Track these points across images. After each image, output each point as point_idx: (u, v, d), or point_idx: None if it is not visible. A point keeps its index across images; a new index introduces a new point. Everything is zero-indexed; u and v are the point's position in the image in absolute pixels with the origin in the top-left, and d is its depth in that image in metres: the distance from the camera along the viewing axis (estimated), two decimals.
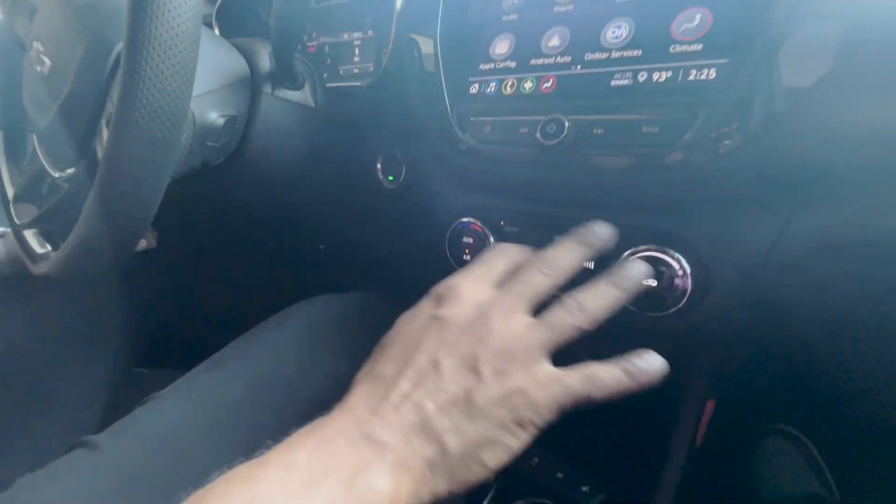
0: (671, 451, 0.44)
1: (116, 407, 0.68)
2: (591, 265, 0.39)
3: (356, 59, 0.59)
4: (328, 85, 0.57)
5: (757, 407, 0.54)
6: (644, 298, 0.36)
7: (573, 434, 0.54)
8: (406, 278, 0.69)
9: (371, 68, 0.57)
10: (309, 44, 0.64)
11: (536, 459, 0.51)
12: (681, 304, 0.36)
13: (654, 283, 0.36)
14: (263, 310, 0.52)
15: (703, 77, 0.33)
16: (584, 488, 0.47)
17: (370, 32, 0.57)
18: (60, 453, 0.36)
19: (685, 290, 0.35)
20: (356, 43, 0.59)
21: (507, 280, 0.31)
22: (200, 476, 0.34)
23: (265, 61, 0.50)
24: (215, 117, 0.44)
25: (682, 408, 0.44)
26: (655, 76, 0.35)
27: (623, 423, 0.54)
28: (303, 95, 0.54)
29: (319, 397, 0.43)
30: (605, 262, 0.38)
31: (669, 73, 0.35)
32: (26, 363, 0.60)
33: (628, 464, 0.48)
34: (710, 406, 0.46)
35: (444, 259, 0.48)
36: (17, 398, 0.59)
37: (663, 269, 0.36)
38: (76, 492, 0.32)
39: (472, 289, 0.31)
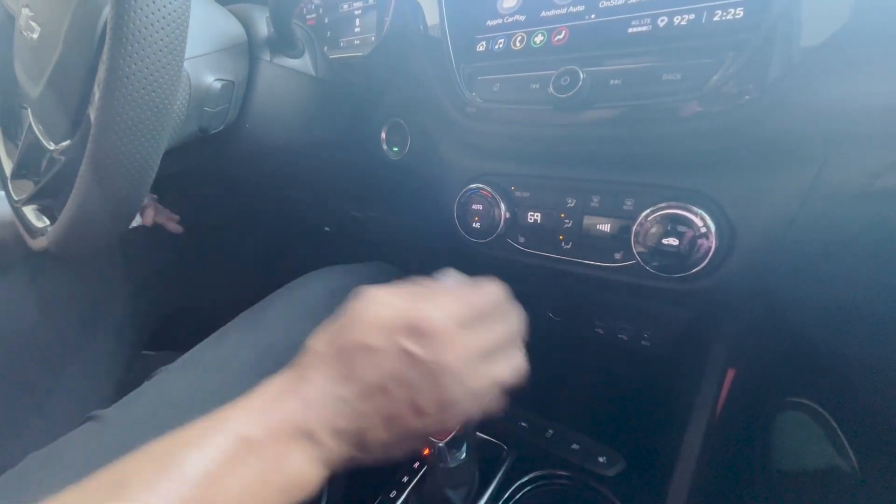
0: (691, 421, 0.43)
1: (126, 387, 0.68)
2: (608, 227, 0.38)
3: (357, 29, 0.57)
4: (330, 57, 0.56)
5: (776, 378, 0.54)
6: (665, 259, 0.35)
7: (588, 404, 0.55)
8: (415, 251, 0.70)
9: (373, 38, 0.55)
10: (308, 17, 0.62)
11: (551, 431, 0.51)
12: (703, 265, 0.35)
13: (675, 242, 0.35)
14: (270, 290, 0.50)
15: (729, 17, 0.31)
16: (601, 459, 0.46)
17: (371, 0, 0.55)
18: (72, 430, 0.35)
19: (708, 250, 0.34)
20: (357, 13, 0.57)
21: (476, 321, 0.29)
22: None
23: (262, 27, 0.48)
24: (212, 81, 0.43)
25: (703, 375, 0.43)
26: (677, 20, 0.33)
27: (640, 393, 0.55)
28: (303, 63, 0.52)
29: None
30: (626, 227, 0.37)
31: (692, 16, 0.32)
32: (35, 343, 0.60)
33: (646, 434, 0.48)
34: (730, 375, 0.44)
35: (453, 228, 0.47)
36: (28, 378, 0.59)
37: (685, 227, 0.34)
38: (84, 464, 0.32)
39: (450, 335, 0.27)
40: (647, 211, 0.35)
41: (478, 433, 0.51)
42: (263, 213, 0.86)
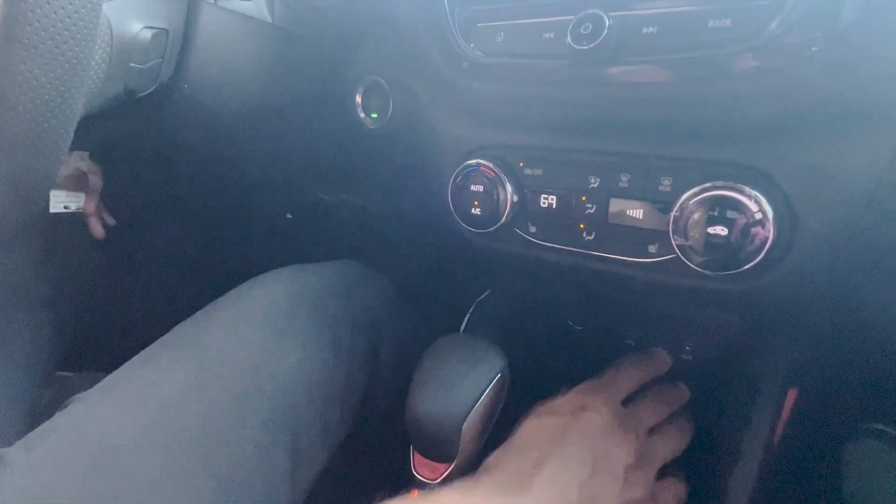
0: (743, 452, 0.44)
1: (37, 417, 0.67)
2: (640, 212, 0.38)
3: None
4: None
5: (846, 399, 0.54)
6: (711, 252, 0.35)
7: None
8: (399, 245, 0.70)
9: None
10: None
11: None
12: (757, 260, 0.34)
13: (723, 231, 0.34)
14: (216, 295, 0.50)
15: None
16: None
17: None
18: None
19: (764, 241, 0.34)
20: None
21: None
22: (136, 488, 0.33)
23: None
24: (139, 29, 0.42)
25: (758, 396, 0.44)
26: None
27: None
28: (255, 6, 0.51)
29: (288, 387, 0.42)
30: (663, 213, 0.37)
31: None
32: None
33: (688, 468, 0.48)
34: (791, 396, 0.45)
35: (447, 216, 0.47)
36: None
37: (736, 213, 0.34)
38: None
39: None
40: (689, 193, 0.35)
41: None
42: (208, 199, 0.85)
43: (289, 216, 0.90)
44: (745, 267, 0.34)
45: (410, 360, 0.45)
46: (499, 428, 0.44)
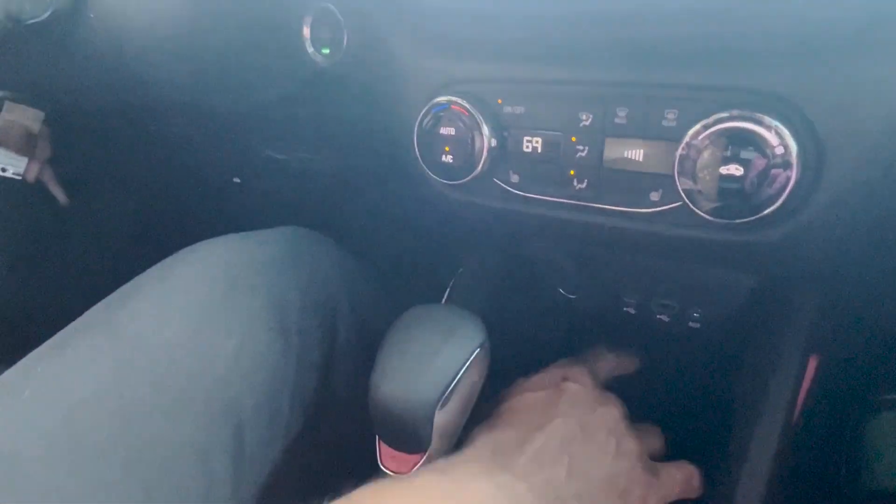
0: (758, 430, 0.43)
1: None
2: (640, 153, 0.38)
3: None
4: None
5: (870, 369, 0.55)
6: (723, 197, 0.34)
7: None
8: (359, 205, 0.69)
9: None
10: None
11: None
12: (777, 205, 0.34)
13: (738, 171, 0.33)
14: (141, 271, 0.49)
15: None
16: None
17: None
18: None
19: (786, 182, 0.33)
20: None
21: None
22: None
23: None
24: None
25: (776, 367, 0.44)
26: None
27: (686, 395, 0.56)
28: None
29: (227, 377, 0.41)
30: (667, 152, 0.36)
31: None
32: None
33: (696, 450, 0.49)
34: (812, 364, 0.45)
35: (414, 165, 0.46)
36: None
37: (753, 149, 0.33)
38: None
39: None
40: (698, 126, 0.34)
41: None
42: (139, 162, 0.82)
43: (236, 180, 0.89)
44: (763, 213, 0.34)
45: (375, 341, 0.44)
46: (479, 412, 0.44)
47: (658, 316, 0.51)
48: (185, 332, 0.41)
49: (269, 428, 0.43)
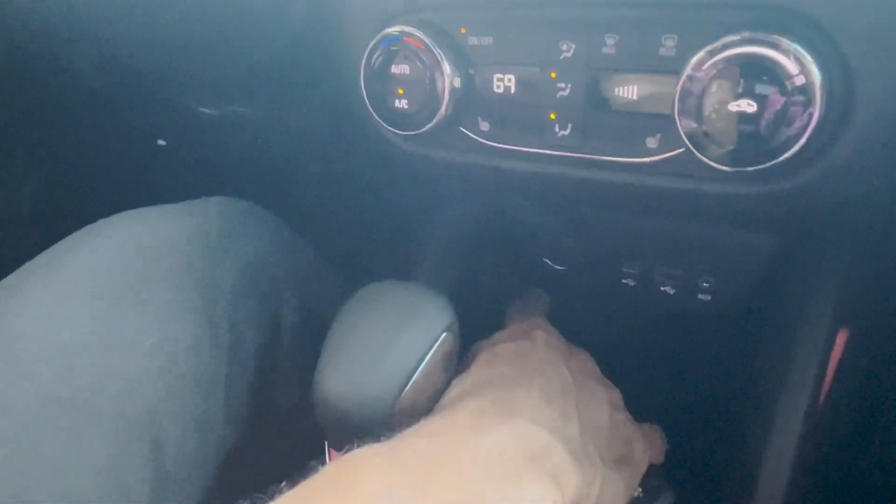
0: (779, 417, 0.44)
1: None
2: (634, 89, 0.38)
3: None
4: None
5: None
6: (734, 140, 0.33)
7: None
8: (298, 164, 0.68)
9: None
10: None
11: None
12: (797, 147, 0.33)
13: (751, 107, 0.33)
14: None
15: None
16: (635, 492, 0.46)
17: None
18: None
19: (809, 119, 0.32)
20: None
21: None
22: None
23: None
24: None
25: (798, 343, 0.44)
26: None
27: (695, 379, 0.56)
28: None
29: (142, 380, 0.40)
30: (666, 88, 0.36)
31: None
32: None
33: (707, 445, 0.50)
34: (841, 339, 0.45)
35: (363, 114, 0.45)
36: None
37: (768, 80, 0.32)
38: None
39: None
40: (702, 54, 0.33)
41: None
42: (31, 123, 0.80)
43: (161, 143, 0.87)
44: (782, 158, 0.33)
45: (323, 328, 0.43)
46: None
47: (662, 288, 0.52)
48: (87, 331, 0.40)
49: (198, 441, 0.42)
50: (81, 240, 0.45)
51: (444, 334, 0.40)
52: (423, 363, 0.38)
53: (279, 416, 0.49)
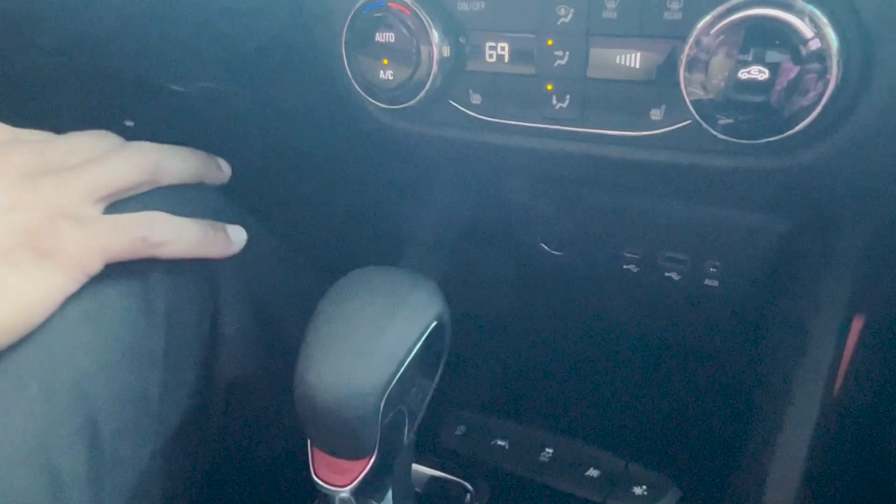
0: (790, 410, 0.44)
1: None
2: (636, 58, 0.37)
3: None
4: None
5: None
6: (743, 111, 0.33)
7: (613, 399, 0.56)
8: (275, 143, 0.67)
9: None
10: None
11: (550, 451, 0.52)
12: (813, 116, 0.33)
13: (762, 74, 0.33)
14: None
15: None
16: (639, 489, 0.47)
17: None
18: None
19: (824, 87, 0.32)
20: None
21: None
22: None
23: None
24: None
25: (811, 331, 0.44)
26: None
27: (701, 372, 0.57)
28: None
29: (72, 352, 0.40)
30: (670, 56, 0.36)
31: None
32: None
33: (713, 441, 0.50)
34: (857, 326, 0.46)
35: (343, 85, 0.45)
36: None
37: (780, 46, 0.32)
38: None
39: None
40: (709, 18, 0.33)
41: (417, 467, 0.50)
42: None
43: (129, 123, 0.86)
44: (795, 129, 0.33)
45: (271, 309, 0.44)
46: (438, 405, 0.43)
47: (666, 274, 0.52)
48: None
49: (135, 418, 0.43)
50: None
51: (433, 323, 0.40)
52: (411, 355, 0.38)
53: (223, 392, 0.50)
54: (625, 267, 0.53)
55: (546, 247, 0.55)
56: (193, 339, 0.47)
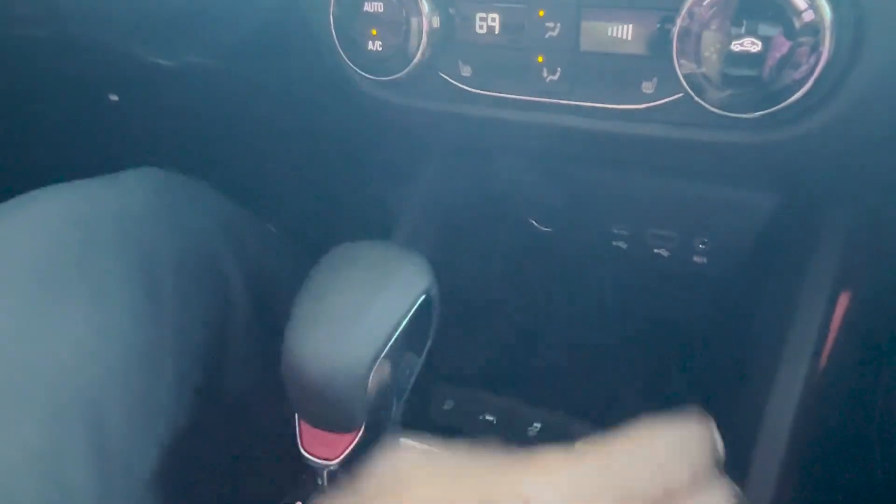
0: (777, 385, 0.44)
1: None
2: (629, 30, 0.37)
3: None
4: None
5: None
6: (735, 84, 0.33)
7: (604, 374, 0.56)
8: (262, 120, 0.66)
9: None
10: None
11: (538, 425, 0.51)
12: (804, 90, 0.33)
13: (755, 46, 0.33)
14: None
15: None
16: None
17: None
18: None
19: (817, 60, 0.32)
20: None
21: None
22: None
23: None
24: None
25: (798, 304, 0.44)
26: None
27: (691, 347, 0.56)
28: None
29: (77, 364, 0.40)
30: (662, 28, 0.35)
31: None
32: None
33: (707, 397, 0.49)
34: (842, 302, 0.46)
35: (331, 57, 0.44)
36: None
37: (773, 19, 0.32)
38: None
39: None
40: None
41: (405, 442, 0.49)
42: None
43: (113, 98, 0.86)
44: (787, 102, 0.34)
45: (278, 311, 0.43)
46: (426, 380, 0.44)
47: (655, 250, 0.52)
48: (14, 310, 0.40)
49: (144, 422, 0.42)
50: (12, 214, 0.45)
51: (421, 297, 0.40)
52: (400, 329, 0.38)
53: (233, 396, 0.49)
54: (614, 244, 0.53)
55: (535, 223, 0.55)
56: (202, 349, 0.47)
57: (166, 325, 0.45)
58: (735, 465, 0.44)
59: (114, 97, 0.88)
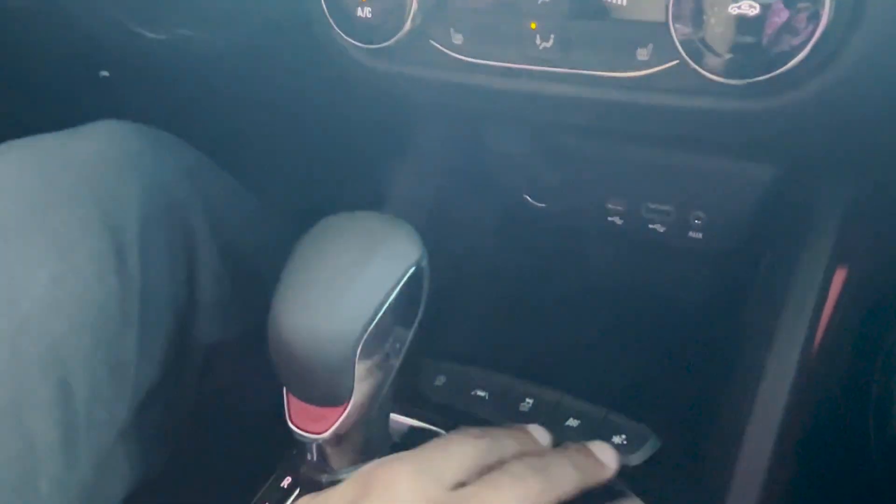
0: (771, 364, 0.44)
1: None
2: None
3: None
4: None
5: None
6: (733, 50, 0.33)
7: (594, 350, 0.56)
8: (251, 89, 0.66)
9: None
10: None
11: (530, 402, 0.51)
12: (804, 54, 0.32)
13: (753, 9, 0.32)
14: None
15: None
16: (618, 438, 0.47)
17: None
18: None
19: (815, 23, 0.32)
20: None
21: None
22: None
23: None
24: None
25: (794, 279, 0.44)
26: None
27: (682, 324, 0.55)
28: None
29: (42, 316, 0.40)
30: None
31: None
32: None
33: (693, 392, 0.49)
34: (839, 278, 0.45)
35: (319, 24, 0.44)
36: None
37: None
38: None
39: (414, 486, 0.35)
40: None
41: (396, 417, 0.50)
42: None
43: (104, 74, 0.84)
44: (786, 67, 0.33)
45: (245, 269, 0.45)
46: (416, 352, 0.43)
47: (651, 226, 0.51)
48: None
49: (110, 372, 0.42)
50: None
51: (412, 268, 0.39)
52: (390, 300, 0.38)
53: (200, 353, 0.49)
54: (609, 219, 0.52)
55: (530, 199, 0.55)
56: (169, 299, 0.47)
57: (131, 275, 0.44)
58: (729, 440, 0.44)
59: (104, 73, 0.87)
